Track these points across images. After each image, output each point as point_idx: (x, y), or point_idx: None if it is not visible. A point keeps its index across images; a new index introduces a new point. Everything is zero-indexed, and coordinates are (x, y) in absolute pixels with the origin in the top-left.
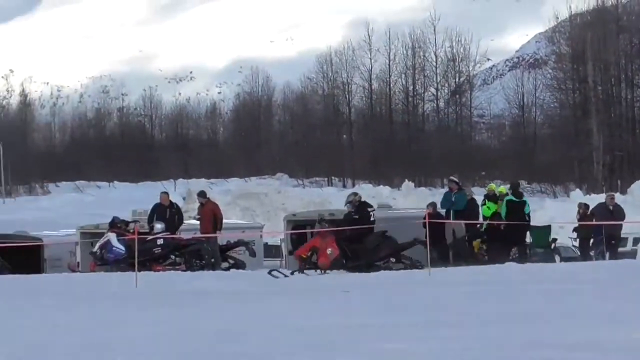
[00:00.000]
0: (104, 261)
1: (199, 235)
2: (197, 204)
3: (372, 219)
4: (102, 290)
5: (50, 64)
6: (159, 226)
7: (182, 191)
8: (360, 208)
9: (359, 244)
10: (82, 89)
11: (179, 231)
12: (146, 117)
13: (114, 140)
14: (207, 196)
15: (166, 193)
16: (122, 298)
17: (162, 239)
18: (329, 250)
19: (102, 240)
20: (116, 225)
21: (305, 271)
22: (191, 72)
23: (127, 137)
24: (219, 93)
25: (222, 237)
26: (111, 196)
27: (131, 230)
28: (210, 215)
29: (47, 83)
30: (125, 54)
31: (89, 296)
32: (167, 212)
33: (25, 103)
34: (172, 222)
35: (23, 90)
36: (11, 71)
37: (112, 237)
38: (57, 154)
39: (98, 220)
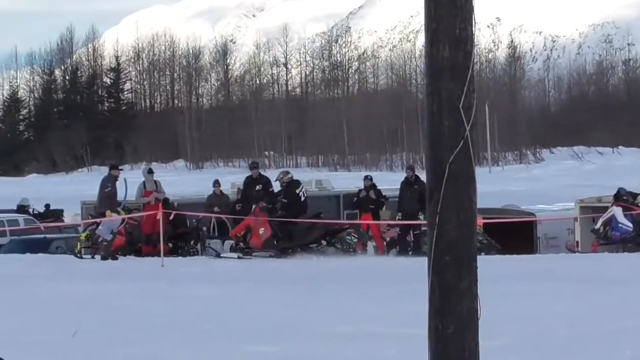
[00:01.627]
0: (608, 240)
1: None
2: None
3: (302, 198)
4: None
5: (543, 10)
6: None
7: None
8: (287, 189)
9: (293, 225)
10: (580, 38)
11: None
12: None
13: (618, 99)
14: None
15: None
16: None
17: None
18: (261, 230)
19: (605, 216)
20: (622, 197)
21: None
22: None
23: (635, 96)
24: None
25: None
26: (615, 164)
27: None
28: None
29: (540, 33)
30: None
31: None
32: None
33: (514, 56)
34: None
35: (512, 41)
36: (498, 19)
37: (617, 211)
38: (551, 115)
39: (600, 192)
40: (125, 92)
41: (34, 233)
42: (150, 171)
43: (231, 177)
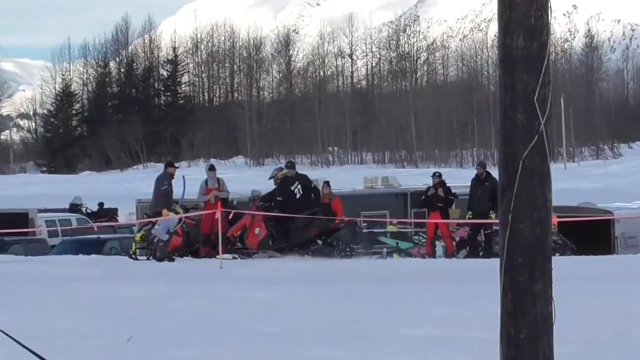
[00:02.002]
0: None
1: None
2: None
3: (297, 196)
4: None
5: None
6: None
7: None
8: (282, 187)
9: (290, 223)
10: None
11: None
12: None
13: None
14: None
15: None
16: None
17: None
18: (256, 230)
19: None
20: None
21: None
22: None
23: None
24: None
25: None
26: None
27: None
28: None
29: (618, 21)
30: None
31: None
32: None
33: (591, 46)
34: None
35: (589, 30)
36: (574, 7)
37: None
38: (630, 108)
39: None
40: (183, 85)
41: (87, 233)
42: (212, 168)
43: None
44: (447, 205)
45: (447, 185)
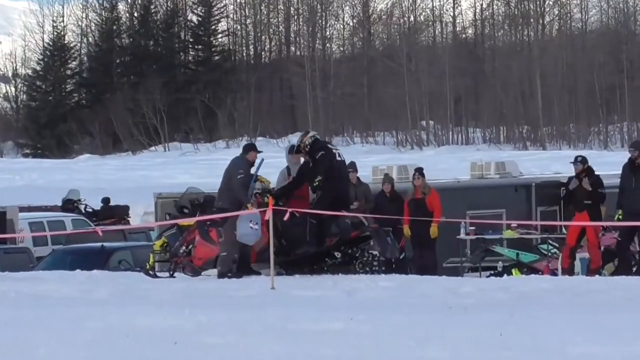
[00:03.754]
0: None
1: None
2: None
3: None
4: None
5: None
6: None
7: None
8: (324, 159)
9: (298, 227)
10: None
11: None
12: None
13: None
14: None
15: None
16: None
17: None
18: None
19: None
20: None
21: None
22: None
23: None
24: None
25: None
26: None
27: None
28: None
29: None
30: None
31: None
32: None
33: None
34: None
35: None
36: None
37: None
38: None
39: None
40: (219, 36)
41: (87, 240)
42: (292, 149)
43: (372, 159)
44: (597, 202)
45: (596, 173)
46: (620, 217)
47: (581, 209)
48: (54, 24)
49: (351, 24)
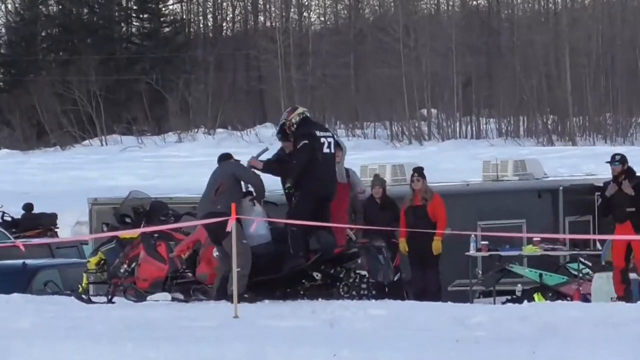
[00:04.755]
0: None
1: None
2: None
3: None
4: None
5: None
6: None
7: None
8: (311, 144)
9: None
10: None
11: None
12: None
13: None
14: None
15: None
16: None
17: None
18: (215, 253)
19: None
20: None
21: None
22: None
23: None
24: None
25: None
26: None
27: None
28: None
29: None
30: None
31: None
32: None
33: None
34: None
35: None
36: None
37: None
38: None
39: None
40: (170, 2)
41: (4, 257)
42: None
43: (360, 156)
44: None
45: (638, 175)
46: None
47: (623, 219)
48: None
49: None
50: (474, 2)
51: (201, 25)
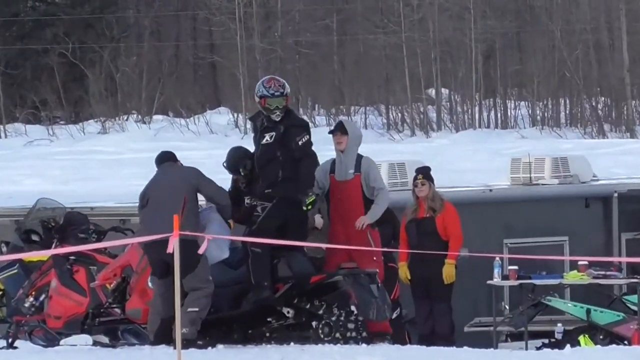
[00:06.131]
0: None
1: None
2: None
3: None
4: None
5: None
6: None
7: None
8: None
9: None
10: None
11: None
12: None
13: None
14: None
15: None
16: None
17: None
18: (150, 282)
19: None
20: None
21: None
22: None
23: None
24: None
25: None
26: None
27: None
28: None
29: None
30: None
31: None
32: None
33: None
34: None
35: None
36: None
37: None
38: None
39: None
40: None
41: None
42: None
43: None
44: None
45: None
46: None
47: None
48: None
49: None
50: None
51: None
